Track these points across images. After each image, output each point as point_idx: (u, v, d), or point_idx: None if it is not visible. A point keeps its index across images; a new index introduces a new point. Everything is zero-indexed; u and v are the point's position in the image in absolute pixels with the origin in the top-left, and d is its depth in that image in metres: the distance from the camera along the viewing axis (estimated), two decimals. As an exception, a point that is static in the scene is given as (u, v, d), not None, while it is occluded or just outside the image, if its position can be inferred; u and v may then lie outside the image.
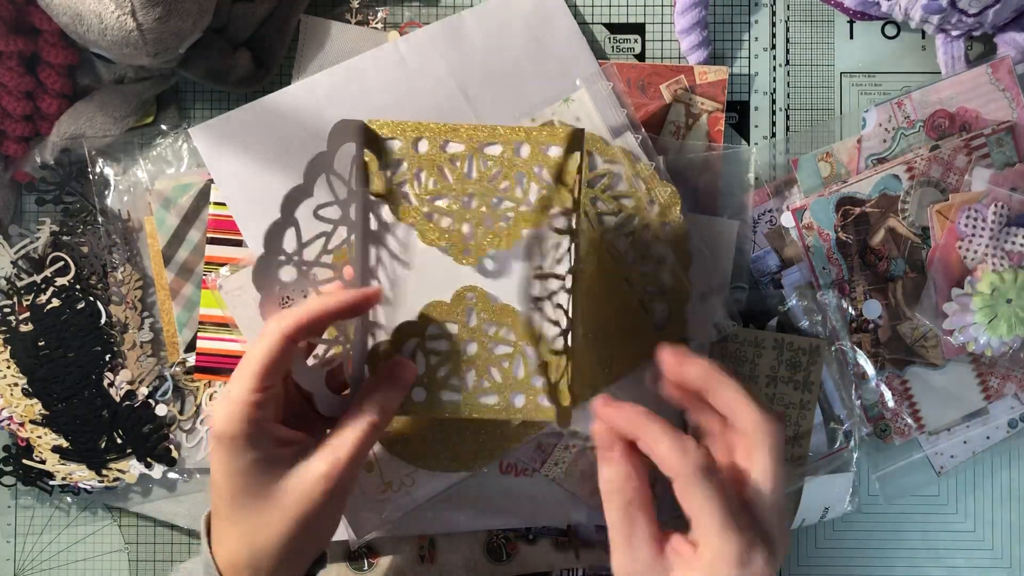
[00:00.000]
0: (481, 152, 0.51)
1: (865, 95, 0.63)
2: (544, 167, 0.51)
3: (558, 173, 0.51)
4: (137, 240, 0.62)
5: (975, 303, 0.59)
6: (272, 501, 0.45)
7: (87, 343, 0.61)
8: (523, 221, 0.51)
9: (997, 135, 0.60)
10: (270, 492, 0.45)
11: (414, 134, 0.51)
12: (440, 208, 0.51)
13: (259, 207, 0.60)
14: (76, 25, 0.54)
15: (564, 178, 0.51)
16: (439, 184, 0.51)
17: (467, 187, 0.51)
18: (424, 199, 0.51)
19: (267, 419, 0.46)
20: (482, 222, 0.51)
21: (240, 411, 0.45)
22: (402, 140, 0.51)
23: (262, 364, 0.45)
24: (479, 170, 0.51)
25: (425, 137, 0.51)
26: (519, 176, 0.51)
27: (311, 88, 0.60)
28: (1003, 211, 0.59)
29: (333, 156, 0.48)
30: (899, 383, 0.62)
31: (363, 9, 0.63)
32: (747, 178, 0.61)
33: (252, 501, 0.45)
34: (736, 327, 0.60)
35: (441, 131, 0.51)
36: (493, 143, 0.51)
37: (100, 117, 0.60)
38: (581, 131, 0.51)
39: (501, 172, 0.51)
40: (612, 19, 0.63)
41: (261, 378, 0.45)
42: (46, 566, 0.64)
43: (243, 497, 0.46)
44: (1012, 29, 0.60)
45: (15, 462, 0.62)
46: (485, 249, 0.51)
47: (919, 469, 0.63)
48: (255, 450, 0.45)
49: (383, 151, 0.50)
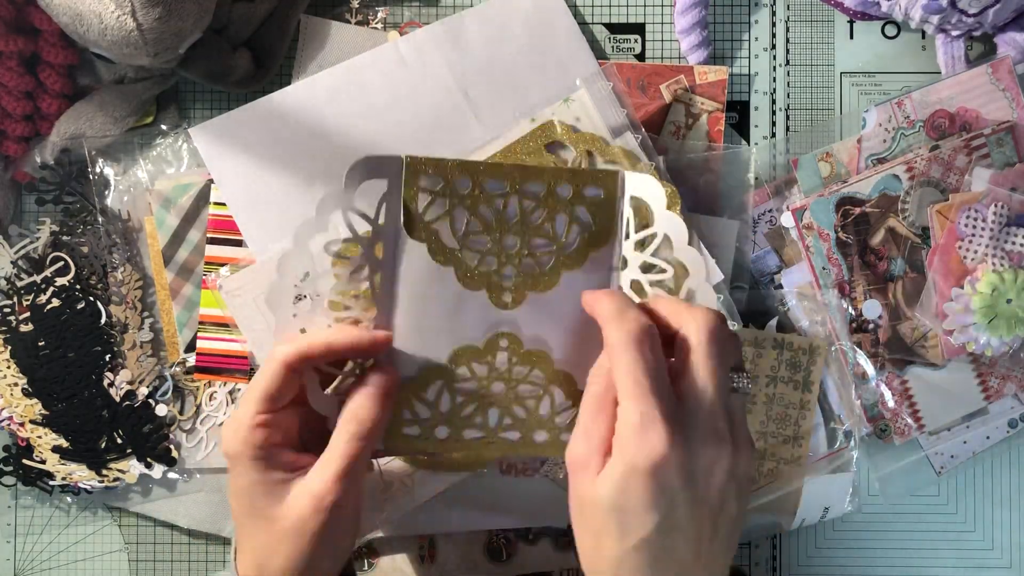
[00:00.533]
0: (522, 192, 0.49)
1: (865, 95, 0.63)
2: (585, 207, 0.49)
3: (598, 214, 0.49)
4: (137, 240, 0.62)
5: (975, 303, 0.59)
6: (274, 522, 0.46)
7: (87, 343, 0.61)
8: (563, 265, 0.49)
9: (997, 135, 0.60)
10: (273, 513, 0.46)
11: (455, 172, 0.48)
12: (480, 249, 0.49)
13: (259, 207, 0.60)
14: (76, 25, 0.54)
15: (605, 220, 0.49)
16: (479, 224, 0.49)
17: (507, 228, 0.49)
18: (463, 240, 0.49)
19: (272, 443, 0.46)
20: (521, 264, 0.49)
21: (243, 433, 0.46)
22: (441, 178, 0.48)
23: (262, 390, 0.46)
24: (521, 210, 0.49)
25: (465, 175, 0.48)
26: (561, 218, 0.49)
27: (311, 88, 0.60)
28: (1003, 211, 0.59)
29: (353, 193, 0.46)
30: (899, 383, 0.62)
31: (363, 9, 0.63)
32: (747, 178, 0.61)
33: (257, 521, 0.46)
34: (736, 327, 0.60)
35: (486, 170, 0.48)
36: (534, 182, 0.49)
37: (100, 117, 0.60)
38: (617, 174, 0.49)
39: (544, 214, 0.49)
40: (612, 19, 0.63)
41: (262, 403, 0.46)
42: (46, 566, 0.64)
43: (249, 517, 0.46)
44: (1012, 29, 0.60)
45: (15, 462, 0.62)
46: (525, 294, 0.49)
47: (919, 469, 0.63)
48: (257, 472, 0.46)
49: (419, 188, 0.48)
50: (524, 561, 0.61)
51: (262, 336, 0.59)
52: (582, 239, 0.49)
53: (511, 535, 0.61)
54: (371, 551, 0.62)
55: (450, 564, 0.61)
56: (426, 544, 0.61)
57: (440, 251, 0.49)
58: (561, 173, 0.49)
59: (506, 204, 0.49)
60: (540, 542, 0.61)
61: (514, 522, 0.61)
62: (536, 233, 0.49)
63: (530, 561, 0.61)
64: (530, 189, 0.49)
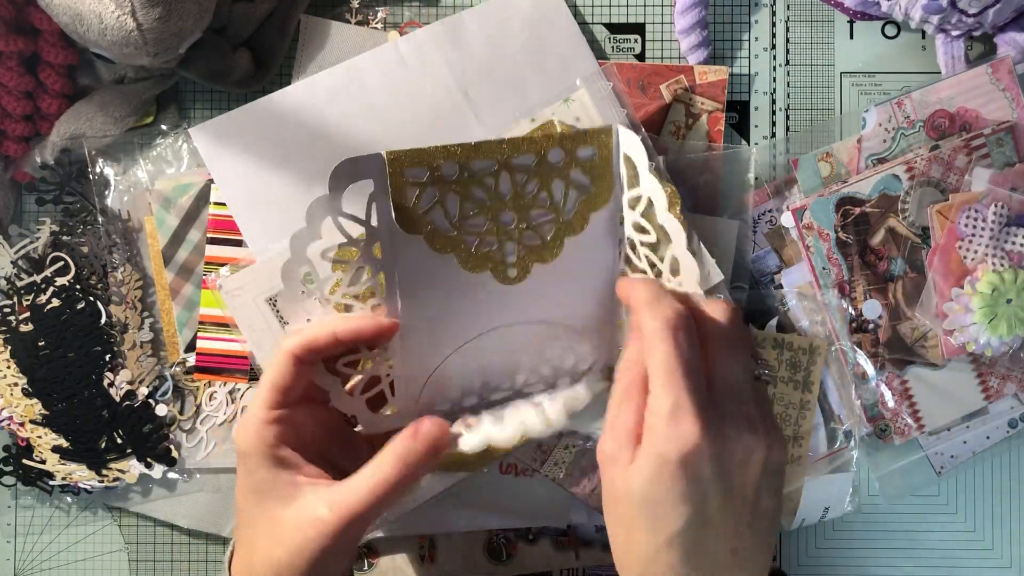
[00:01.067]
0: (511, 166, 0.48)
1: (865, 95, 0.63)
2: (580, 170, 0.48)
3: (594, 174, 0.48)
4: (137, 240, 0.62)
5: (975, 303, 0.59)
6: (271, 525, 0.45)
7: (87, 343, 0.61)
8: (565, 231, 0.49)
9: (997, 135, 0.60)
10: (273, 515, 0.45)
11: (439, 158, 0.47)
12: (478, 231, 0.48)
13: (259, 207, 0.60)
14: (76, 25, 0.54)
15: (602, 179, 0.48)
16: (473, 207, 0.48)
17: (502, 205, 0.48)
18: (459, 225, 0.48)
19: (284, 441, 0.45)
20: (522, 238, 0.49)
21: (252, 430, 0.45)
22: (426, 168, 0.47)
23: (271, 383, 0.45)
24: (513, 185, 0.48)
25: (450, 160, 0.47)
26: (557, 185, 0.48)
27: (311, 88, 0.60)
28: (1003, 211, 0.59)
29: (340, 198, 0.45)
30: (899, 383, 0.62)
31: (363, 9, 0.63)
32: (747, 178, 0.61)
33: (256, 521, 0.45)
34: (736, 327, 0.60)
35: (464, 152, 0.47)
36: (523, 155, 0.48)
37: (100, 117, 0.60)
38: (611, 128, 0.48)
39: (538, 184, 0.48)
40: (612, 19, 0.63)
41: (272, 395, 0.45)
42: (46, 566, 0.64)
43: (253, 516, 0.46)
44: (1012, 29, 0.60)
45: (15, 462, 0.62)
46: (529, 267, 0.49)
47: (919, 469, 0.63)
48: (266, 470, 0.45)
49: (405, 182, 0.47)
50: (524, 561, 0.61)
51: (262, 336, 0.59)
52: (581, 202, 0.49)
53: (511, 535, 0.61)
54: (371, 551, 0.62)
55: (450, 564, 0.61)
56: (426, 544, 0.61)
57: (438, 240, 0.48)
58: (550, 139, 0.48)
59: (497, 181, 0.48)
60: (540, 542, 0.61)
61: (514, 522, 0.61)
62: (533, 205, 0.48)
63: (530, 561, 0.61)
64: (520, 162, 0.48)
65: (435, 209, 0.47)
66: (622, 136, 0.49)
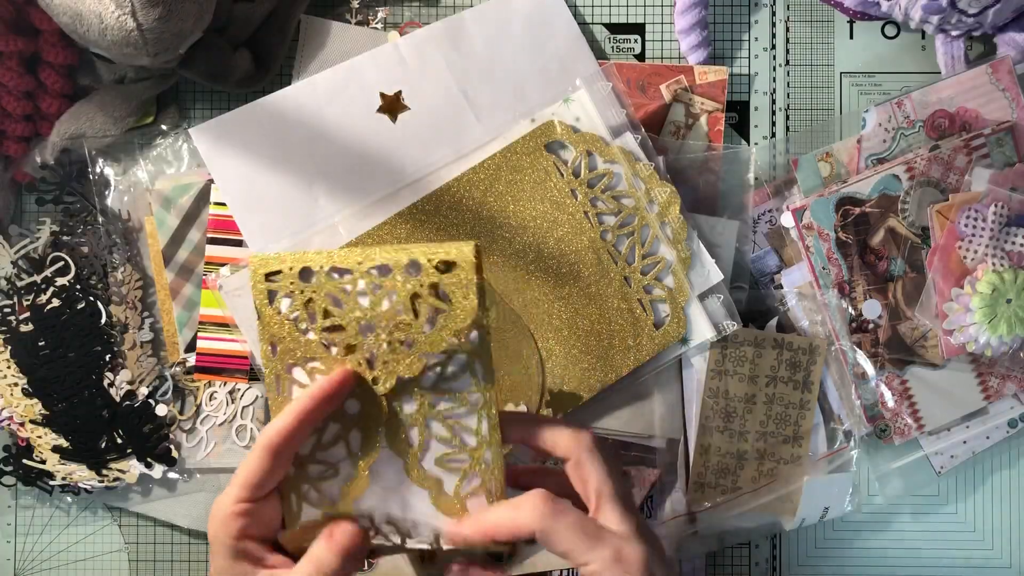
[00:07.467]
0: (371, 275, 0.45)
1: (865, 95, 0.63)
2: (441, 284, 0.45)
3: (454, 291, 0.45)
4: (137, 240, 0.62)
5: (975, 303, 0.59)
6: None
7: (87, 343, 0.61)
8: (426, 345, 0.46)
9: (997, 135, 0.60)
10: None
11: (297, 263, 0.45)
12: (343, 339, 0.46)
13: (259, 207, 0.60)
14: (76, 25, 0.54)
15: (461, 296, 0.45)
16: (333, 315, 0.46)
17: (362, 315, 0.46)
18: (321, 332, 0.46)
19: (247, 534, 0.46)
20: (383, 350, 0.46)
21: (219, 519, 0.46)
22: (287, 273, 0.45)
23: (244, 477, 0.46)
24: (371, 295, 0.46)
25: (308, 265, 0.45)
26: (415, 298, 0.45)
27: (311, 88, 0.60)
28: (1003, 211, 0.59)
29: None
30: (899, 383, 0.62)
31: (363, 9, 0.63)
32: (747, 178, 0.61)
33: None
34: (736, 327, 0.60)
35: (321, 258, 0.45)
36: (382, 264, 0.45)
37: (100, 117, 0.60)
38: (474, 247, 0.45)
39: (395, 296, 0.45)
40: (612, 19, 0.63)
41: (244, 490, 0.46)
42: (46, 566, 0.64)
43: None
44: (1012, 29, 0.60)
45: (15, 462, 0.62)
46: (394, 375, 0.46)
47: (919, 469, 0.63)
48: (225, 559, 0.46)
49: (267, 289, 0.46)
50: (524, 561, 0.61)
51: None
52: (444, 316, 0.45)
53: (511, 535, 0.61)
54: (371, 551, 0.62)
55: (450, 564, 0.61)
56: (426, 544, 0.61)
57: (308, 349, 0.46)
58: (404, 251, 0.45)
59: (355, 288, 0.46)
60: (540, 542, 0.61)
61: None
62: (393, 318, 0.46)
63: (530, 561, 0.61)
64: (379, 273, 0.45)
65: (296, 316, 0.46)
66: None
